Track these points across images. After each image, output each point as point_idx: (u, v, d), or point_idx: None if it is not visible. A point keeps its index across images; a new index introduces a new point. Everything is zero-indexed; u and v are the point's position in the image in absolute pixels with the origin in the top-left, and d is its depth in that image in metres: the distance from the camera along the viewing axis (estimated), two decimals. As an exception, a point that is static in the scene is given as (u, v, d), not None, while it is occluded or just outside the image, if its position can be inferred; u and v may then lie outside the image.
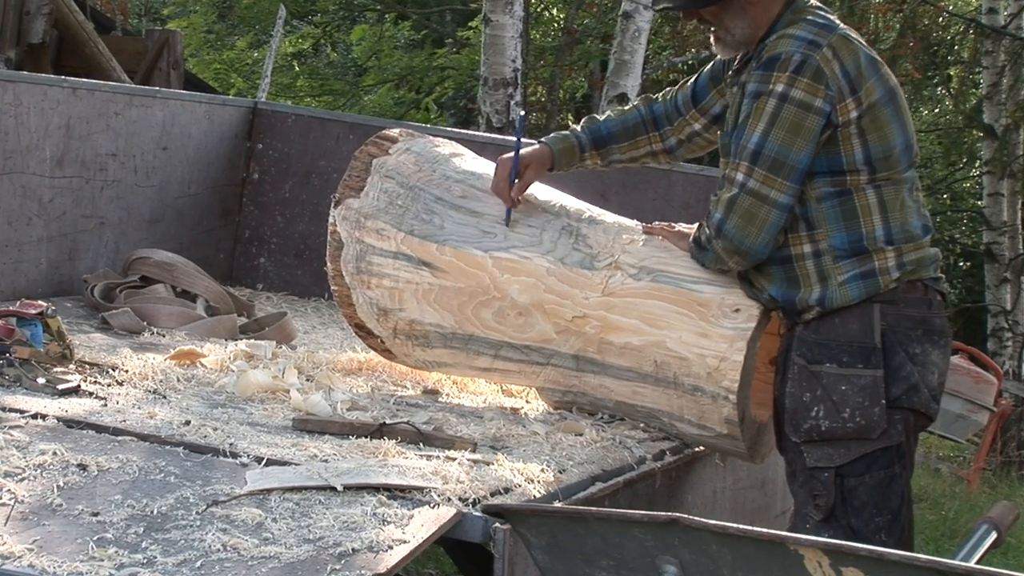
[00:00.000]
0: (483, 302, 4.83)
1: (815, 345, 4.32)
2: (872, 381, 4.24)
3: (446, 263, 4.88)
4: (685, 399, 4.57)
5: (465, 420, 4.58)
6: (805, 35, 4.30)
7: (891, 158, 4.33)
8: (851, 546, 2.63)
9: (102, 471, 3.62)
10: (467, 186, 5.02)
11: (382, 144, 5.20)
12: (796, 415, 4.32)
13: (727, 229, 4.35)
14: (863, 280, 4.30)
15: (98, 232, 6.57)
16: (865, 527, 4.26)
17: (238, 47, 23.21)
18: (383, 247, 4.99)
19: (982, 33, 16.44)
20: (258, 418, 4.34)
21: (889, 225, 4.33)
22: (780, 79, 4.26)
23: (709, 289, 4.56)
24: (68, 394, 4.35)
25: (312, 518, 3.39)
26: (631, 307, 4.64)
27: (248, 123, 7.52)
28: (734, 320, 4.49)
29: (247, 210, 7.55)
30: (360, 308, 5.07)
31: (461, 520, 3.49)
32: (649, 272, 4.66)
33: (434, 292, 4.90)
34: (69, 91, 6.34)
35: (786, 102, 4.25)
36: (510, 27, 10.11)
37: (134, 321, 5.68)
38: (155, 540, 3.21)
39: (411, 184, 5.04)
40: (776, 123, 4.26)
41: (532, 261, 4.79)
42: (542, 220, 4.89)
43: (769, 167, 4.27)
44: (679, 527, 2.81)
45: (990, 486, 11.80)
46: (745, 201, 4.31)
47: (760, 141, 4.28)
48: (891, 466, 4.29)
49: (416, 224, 4.96)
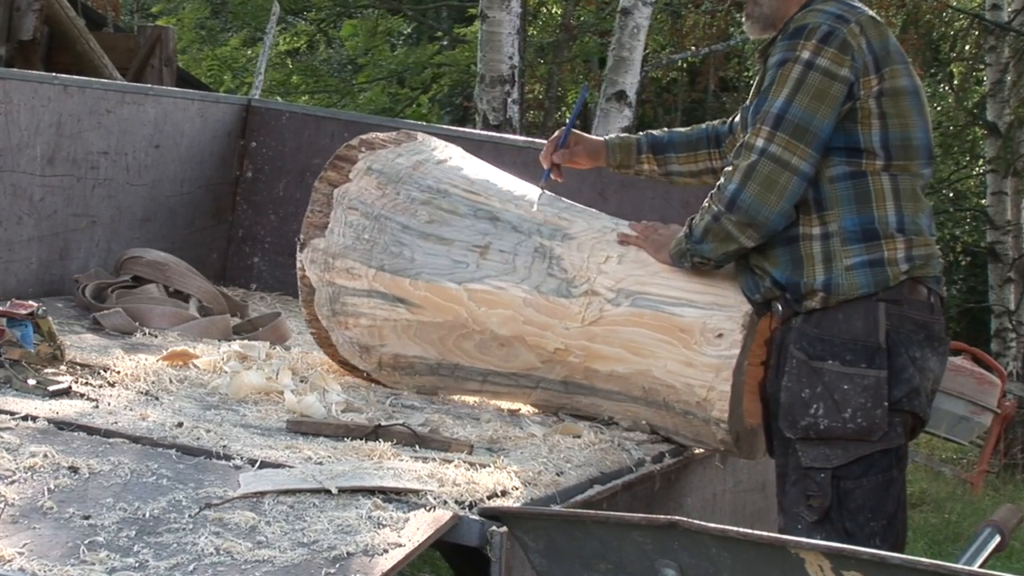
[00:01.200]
0: (463, 335, 4.82)
1: (817, 340, 4.28)
2: (876, 382, 4.21)
3: (421, 298, 4.85)
4: (679, 419, 4.58)
5: (461, 422, 4.58)
6: (833, 10, 4.31)
7: (910, 148, 4.31)
8: (853, 550, 2.63)
9: (93, 474, 3.61)
10: (433, 208, 4.95)
11: (341, 167, 5.11)
12: (793, 411, 4.29)
13: (743, 198, 4.28)
14: (871, 268, 4.26)
15: (89, 231, 6.57)
16: (860, 531, 4.23)
17: (231, 44, 23.20)
18: (355, 287, 4.95)
19: (986, 29, 16.47)
20: (252, 420, 4.34)
21: (902, 213, 4.30)
22: (807, 47, 4.25)
23: (690, 312, 4.51)
24: (59, 395, 4.35)
25: (306, 521, 3.39)
26: (613, 335, 4.61)
27: (242, 121, 7.52)
28: (717, 347, 4.45)
29: (240, 209, 7.54)
30: (341, 348, 5.04)
31: (457, 523, 3.49)
32: (628, 296, 4.61)
33: (413, 328, 4.88)
34: (60, 88, 6.33)
35: (812, 69, 4.24)
36: (507, 23, 10.12)
37: (126, 321, 5.67)
38: (147, 544, 3.21)
39: (376, 213, 4.98)
40: (801, 89, 4.24)
41: (508, 291, 4.75)
42: (513, 242, 4.83)
43: (792, 132, 4.24)
44: (678, 530, 2.81)
45: (993, 489, 11.81)
46: (766, 167, 4.26)
47: (784, 106, 4.26)
48: (889, 469, 4.27)
49: (386, 259, 4.91)
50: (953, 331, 18.58)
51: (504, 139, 7.54)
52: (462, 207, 4.95)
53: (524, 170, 5.40)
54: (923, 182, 4.39)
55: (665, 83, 21.98)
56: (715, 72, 21.66)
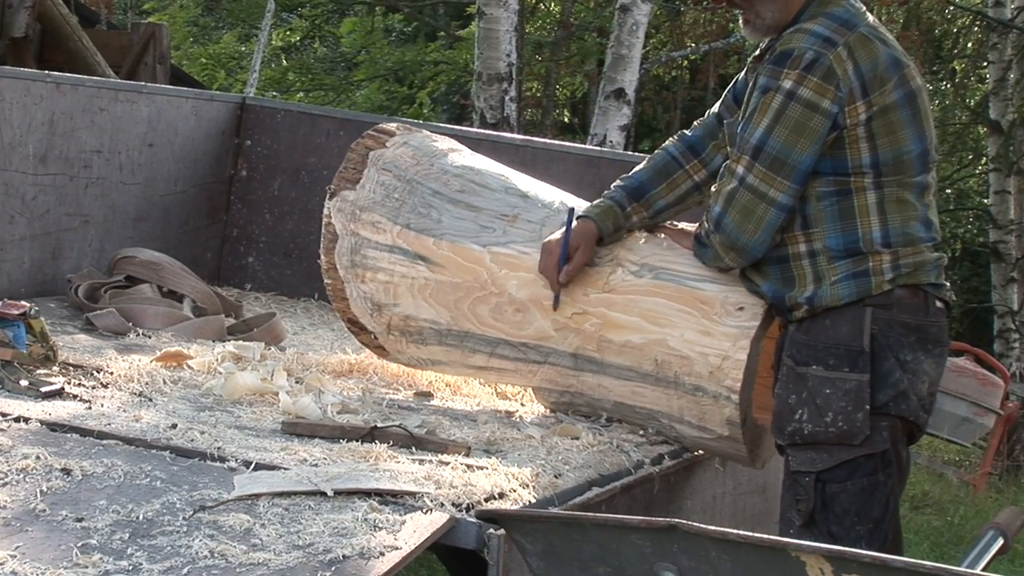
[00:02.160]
0: (480, 298, 4.84)
1: (804, 346, 4.31)
2: (857, 386, 4.22)
3: (443, 257, 4.90)
4: (686, 399, 4.57)
5: (458, 423, 4.58)
6: (821, 31, 4.27)
7: (902, 163, 4.30)
8: (855, 552, 2.63)
9: (86, 476, 3.61)
10: (465, 180, 5.06)
11: (379, 138, 5.23)
12: (781, 417, 4.32)
13: (725, 223, 4.36)
14: (855, 280, 4.28)
15: (82, 231, 6.57)
16: (846, 535, 4.23)
17: (225, 41, 23.21)
18: (379, 240, 5.01)
19: (988, 26, 16.47)
20: (246, 421, 4.34)
21: (887, 228, 4.30)
22: (789, 76, 4.24)
23: (712, 287, 4.57)
24: (51, 397, 4.35)
25: (302, 524, 3.39)
26: (632, 304, 4.65)
27: (236, 119, 7.52)
28: (738, 319, 4.50)
29: (235, 208, 7.55)
30: (354, 303, 5.08)
31: (454, 526, 3.49)
32: (651, 269, 4.67)
33: (430, 287, 4.91)
34: (53, 86, 6.33)
35: (792, 100, 4.23)
36: (505, 21, 10.12)
37: (119, 322, 5.67)
38: (141, 546, 3.21)
39: (408, 177, 5.08)
40: (780, 121, 4.25)
41: (531, 256, 4.80)
42: (542, 215, 4.91)
43: (769, 165, 4.27)
44: (678, 533, 2.81)
45: (996, 491, 11.80)
46: (744, 196, 4.31)
47: (763, 138, 4.27)
48: (875, 474, 4.26)
49: (413, 218, 4.99)
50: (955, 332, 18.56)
51: (502, 137, 7.54)
52: (493, 183, 5.08)
53: (521, 169, 5.39)
54: (917, 188, 4.35)
55: (666, 81, 21.99)
56: (715, 70, 21.67)
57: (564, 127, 22.79)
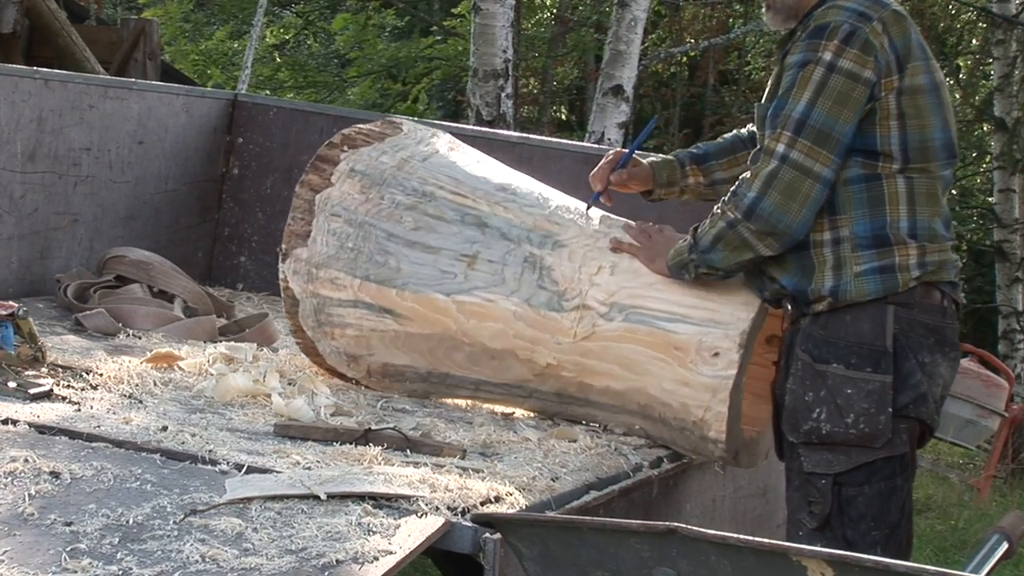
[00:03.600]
0: (453, 346, 4.80)
1: (822, 342, 4.27)
2: (880, 387, 4.19)
3: (408, 309, 4.81)
4: (676, 434, 4.57)
5: (454, 426, 4.58)
6: (855, 7, 4.26)
7: (928, 150, 4.29)
8: (857, 557, 2.63)
9: (75, 479, 3.61)
10: (419, 214, 4.87)
11: (323, 170, 5.05)
12: (796, 415, 4.29)
13: (763, 207, 4.24)
14: (880, 275, 4.24)
15: (71, 230, 6.57)
16: (861, 540, 4.22)
17: (217, 37, 23.20)
18: (341, 297, 4.91)
19: (993, 23, 16.47)
20: (238, 424, 4.34)
21: (915, 219, 4.28)
22: (828, 47, 4.21)
23: (685, 328, 4.48)
24: (40, 399, 4.34)
25: (294, 528, 3.39)
26: (607, 351, 4.59)
27: (228, 116, 7.52)
28: (714, 367, 4.43)
29: (227, 207, 7.54)
30: (328, 357, 5.01)
31: (450, 530, 3.48)
32: (621, 310, 4.58)
33: (401, 338, 4.86)
34: (41, 83, 6.33)
35: (834, 71, 4.20)
36: (501, 16, 10.12)
37: (109, 322, 5.67)
38: (131, 551, 3.21)
39: (359, 220, 4.91)
40: (823, 92, 4.20)
41: (497, 304, 4.71)
42: (502, 251, 4.77)
43: (815, 138, 4.20)
44: (677, 537, 2.82)
45: (1001, 495, 11.81)
46: (787, 174, 4.22)
47: (806, 110, 4.22)
48: (893, 478, 4.26)
49: (371, 268, 4.86)
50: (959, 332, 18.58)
51: (498, 135, 7.54)
52: (449, 212, 4.87)
53: (518, 167, 5.38)
54: (943, 184, 4.35)
55: (665, 77, 22.00)
56: (714, 66, 21.66)
57: (561, 124, 22.80)
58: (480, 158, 5.18)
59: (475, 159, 5.15)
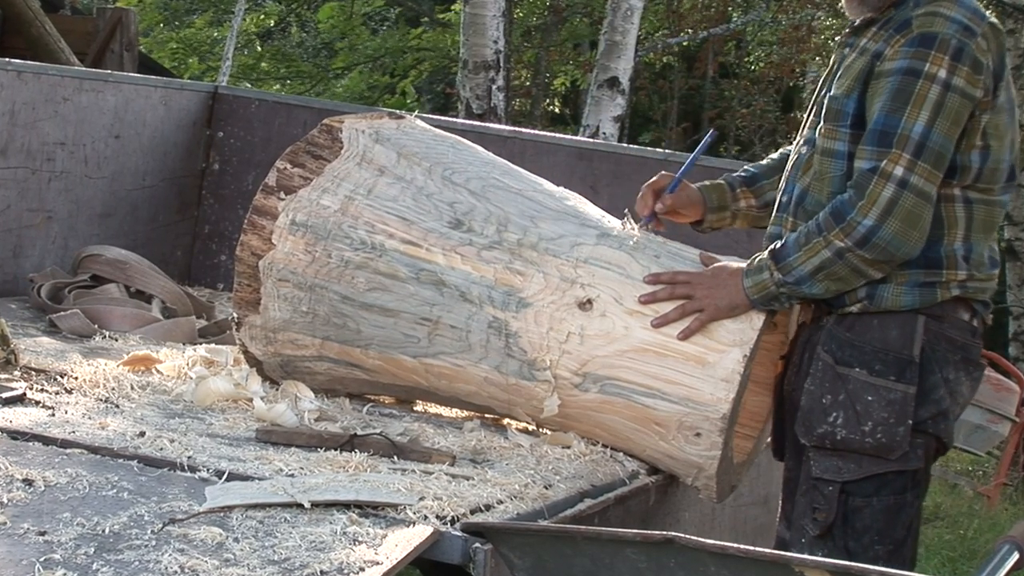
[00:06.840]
0: (429, 393, 4.81)
1: (847, 345, 4.24)
2: (903, 397, 4.17)
3: (376, 366, 4.76)
4: (673, 468, 4.56)
5: (443, 431, 4.58)
6: (960, 19, 4.17)
7: (997, 172, 4.25)
8: (860, 567, 2.64)
9: (49, 487, 3.61)
10: (370, 272, 4.68)
11: (262, 228, 4.79)
12: (811, 416, 4.26)
13: (882, 236, 4.11)
14: (920, 288, 4.21)
15: (45, 227, 6.57)
16: (863, 553, 4.21)
17: (196, 25, 23.21)
18: (304, 354, 4.83)
19: (1004, 12, 16.50)
20: (218, 429, 4.34)
21: (970, 243, 4.24)
22: (941, 63, 4.12)
23: (664, 406, 4.38)
24: (12, 403, 4.34)
25: (277, 537, 3.39)
26: (587, 417, 4.54)
27: (208, 109, 7.52)
28: (697, 447, 4.38)
29: (207, 203, 7.55)
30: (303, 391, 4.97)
31: (439, 539, 3.49)
32: (595, 380, 4.47)
33: (375, 386, 4.87)
34: (14, 74, 6.33)
35: (950, 91, 4.11)
36: (491, 5, 10.13)
37: (84, 324, 5.67)
38: (107, 561, 3.21)
39: (309, 283, 4.73)
40: (941, 113, 4.11)
41: (467, 370, 4.63)
42: (464, 316, 4.59)
43: (934, 162, 4.12)
44: (675, 547, 2.82)
45: (1012, 503, 11.83)
46: (908, 201, 4.10)
47: (925, 132, 4.11)
48: (903, 492, 4.24)
49: (331, 330, 4.76)
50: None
51: (488, 129, 7.55)
52: (402, 268, 4.65)
53: (510, 161, 5.35)
54: (1000, 208, 4.32)
55: (660, 68, 22.00)
56: (714, 57, 21.68)
57: (555, 118, 22.82)
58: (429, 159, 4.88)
59: (424, 167, 4.84)
